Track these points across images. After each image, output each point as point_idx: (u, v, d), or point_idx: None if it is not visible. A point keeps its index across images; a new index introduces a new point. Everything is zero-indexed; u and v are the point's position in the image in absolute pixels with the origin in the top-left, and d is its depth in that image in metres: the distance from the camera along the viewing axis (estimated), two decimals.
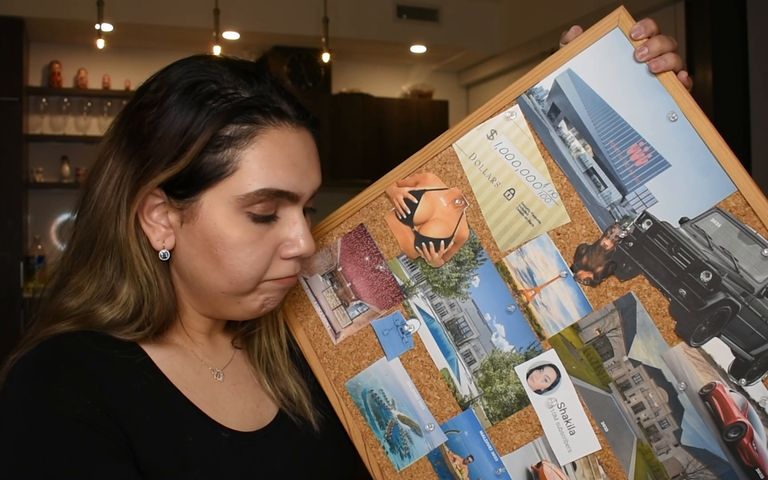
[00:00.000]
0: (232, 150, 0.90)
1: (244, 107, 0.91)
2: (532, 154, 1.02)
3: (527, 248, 1.03)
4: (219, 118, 0.89)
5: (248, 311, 0.99)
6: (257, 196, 0.91)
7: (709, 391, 0.97)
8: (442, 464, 1.09)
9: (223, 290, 0.95)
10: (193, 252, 0.94)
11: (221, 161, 0.90)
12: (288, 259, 0.96)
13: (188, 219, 0.93)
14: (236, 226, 0.92)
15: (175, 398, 0.95)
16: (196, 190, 0.91)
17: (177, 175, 0.90)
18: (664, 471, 1.00)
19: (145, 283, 0.94)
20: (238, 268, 0.93)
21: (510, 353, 1.05)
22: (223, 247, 0.92)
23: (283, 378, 1.07)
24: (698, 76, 4.70)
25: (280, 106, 0.93)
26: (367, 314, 1.10)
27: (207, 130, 0.89)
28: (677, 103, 0.95)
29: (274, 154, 0.92)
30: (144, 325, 0.94)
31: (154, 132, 0.91)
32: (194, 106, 0.90)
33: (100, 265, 0.94)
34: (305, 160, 0.95)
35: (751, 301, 0.95)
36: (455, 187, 1.05)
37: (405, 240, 1.08)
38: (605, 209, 0.99)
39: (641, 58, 0.95)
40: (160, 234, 0.94)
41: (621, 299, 1.00)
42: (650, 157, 0.97)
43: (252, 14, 5.92)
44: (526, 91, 1.01)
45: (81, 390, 0.86)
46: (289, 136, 0.93)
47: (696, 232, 0.96)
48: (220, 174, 0.90)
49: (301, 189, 0.94)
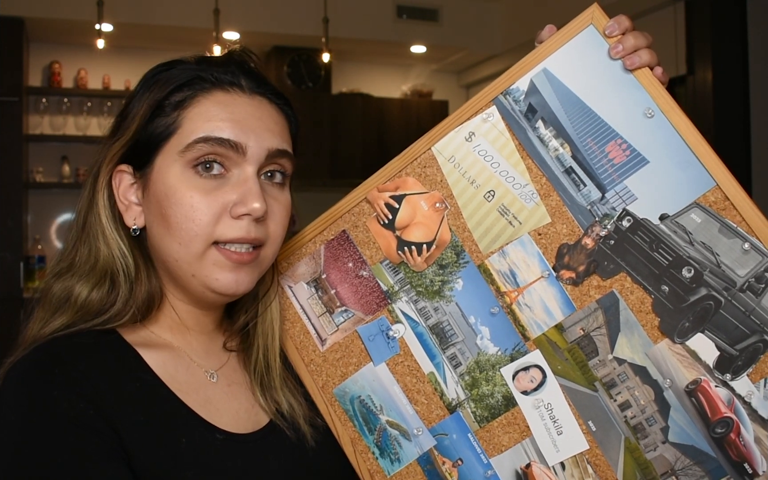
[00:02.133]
0: (176, 112, 0.96)
1: (193, 78, 0.97)
2: (511, 155, 1.01)
3: (509, 249, 1.03)
4: (165, 86, 0.97)
5: (207, 287, 0.97)
6: (196, 143, 0.94)
7: (695, 387, 0.97)
8: (432, 468, 1.09)
9: (175, 257, 0.96)
10: (152, 219, 0.98)
11: (167, 123, 0.96)
12: (238, 219, 0.95)
13: (146, 186, 0.98)
14: (183, 182, 0.95)
15: (169, 400, 0.95)
16: (151, 155, 0.97)
17: (129, 144, 0.97)
18: (652, 468, 0.99)
19: (119, 257, 0.98)
20: (183, 224, 0.94)
21: (495, 355, 1.05)
22: (169, 205, 0.95)
23: (276, 392, 1.07)
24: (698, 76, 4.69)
25: (233, 78, 0.98)
26: (353, 320, 1.10)
27: (152, 95, 0.96)
28: (653, 99, 0.95)
29: (215, 110, 0.96)
30: (127, 306, 0.97)
31: (121, 119, 1.00)
32: (148, 85, 0.99)
33: (79, 247, 0.99)
34: (255, 121, 0.97)
35: (734, 296, 0.94)
36: (435, 190, 1.05)
37: (387, 245, 1.08)
38: (585, 208, 0.99)
39: (615, 55, 0.95)
40: (132, 212, 0.99)
41: (604, 298, 0.99)
42: (628, 154, 0.96)
43: (252, 14, 5.93)
44: (502, 92, 1.01)
45: (74, 393, 0.87)
46: (236, 98, 0.98)
47: (676, 228, 0.95)
48: (168, 135, 0.96)
49: (245, 141, 0.95)
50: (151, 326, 1.01)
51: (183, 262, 0.96)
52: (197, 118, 0.95)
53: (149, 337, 0.99)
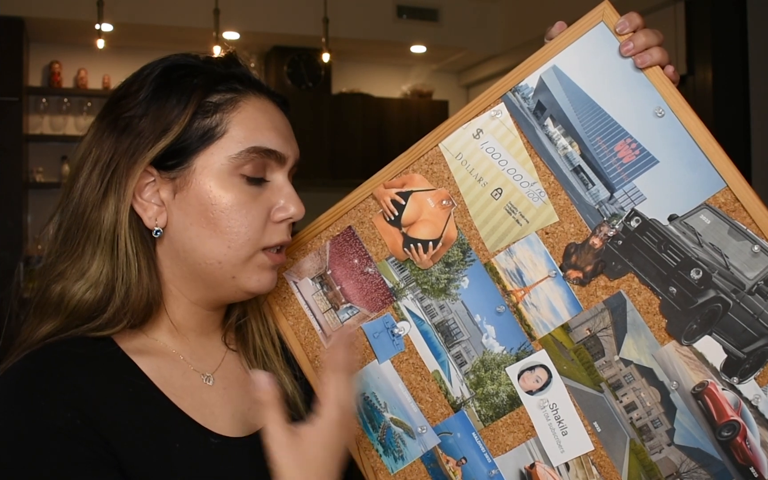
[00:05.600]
0: (219, 115, 0.95)
1: (226, 77, 0.98)
2: (519, 153, 1.01)
3: (516, 248, 1.02)
4: (203, 87, 0.95)
5: (243, 289, 0.99)
6: (249, 153, 0.95)
7: (702, 390, 0.96)
8: (436, 466, 1.08)
9: (220, 259, 0.96)
10: (188, 221, 0.96)
11: (211, 125, 0.95)
12: (279, 223, 0.99)
13: (181, 187, 0.95)
14: (230, 188, 0.95)
15: (162, 404, 0.94)
16: (188, 157, 0.95)
17: (170, 146, 0.94)
18: (657, 470, 0.99)
19: (123, 261, 0.94)
20: (235, 229, 0.95)
21: (501, 354, 1.04)
22: (219, 210, 0.94)
23: (279, 378, 1.07)
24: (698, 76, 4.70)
25: (257, 80, 1.01)
26: (358, 317, 1.10)
27: (194, 98, 0.94)
28: (664, 98, 0.94)
29: (258, 117, 0.97)
30: (120, 314, 0.94)
31: (138, 113, 0.95)
32: (176, 83, 0.96)
33: (81, 248, 0.95)
34: (286, 129, 1.01)
35: (742, 298, 0.93)
36: (442, 187, 1.04)
37: (393, 242, 1.07)
38: (593, 207, 0.98)
39: (626, 53, 0.94)
40: (152, 212, 0.96)
41: (611, 298, 0.99)
42: (638, 153, 0.96)
43: (252, 14, 5.92)
44: (511, 89, 1.00)
45: (62, 402, 0.86)
46: (267, 104, 1.00)
47: (685, 229, 0.95)
48: (211, 137, 0.95)
49: (286, 150, 0.99)
50: (148, 330, 0.99)
51: (227, 265, 0.96)
52: (244, 125, 0.96)
53: (145, 343, 0.98)
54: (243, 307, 1.09)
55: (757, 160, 4.52)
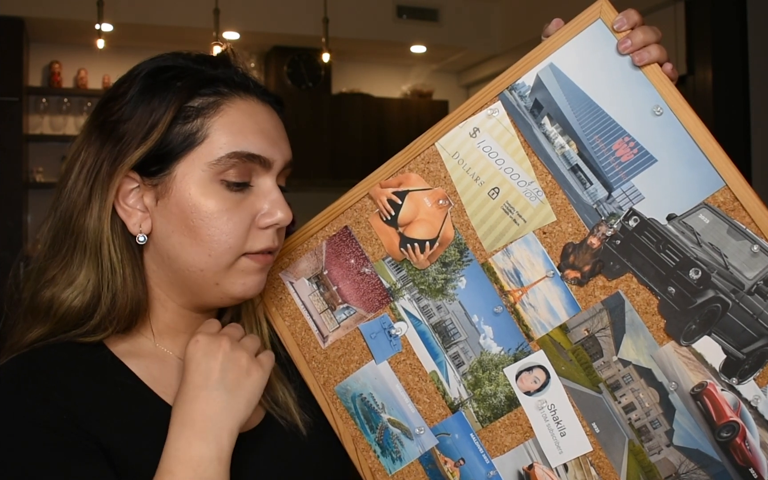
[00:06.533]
0: (200, 120, 0.93)
1: (210, 80, 0.94)
2: (516, 152, 1.00)
3: (513, 248, 1.01)
4: (185, 91, 0.93)
5: (228, 294, 0.97)
6: (229, 159, 0.92)
7: (701, 391, 0.95)
8: (434, 467, 1.07)
9: (201, 267, 0.94)
10: (170, 228, 0.94)
11: (191, 131, 0.92)
12: (265, 229, 0.96)
13: (163, 194, 0.94)
14: (211, 195, 0.93)
15: (155, 403, 0.94)
16: (170, 163, 0.93)
17: (149, 152, 0.92)
18: (656, 471, 0.98)
19: (107, 268, 0.93)
20: (216, 237, 0.93)
21: (498, 355, 1.03)
22: (199, 217, 0.92)
23: (271, 383, 1.06)
24: (698, 76, 4.69)
25: (247, 83, 0.97)
26: (354, 318, 1.09)
27: (174, 103, 0.92)
28: (662, 97, 0.93)
29: (242, 120, 0.94)
30: (106, 321, 0.93)
31: (123, 117, 0.93)
32: (160, 86, 0.93)
33: (70, 254, 0.94)
34: (274, 130, 0.98)
35: (742, 299, 0.93)
36: (439, 187, 1.03)
37: (390, 242, 1.06)
38: (591, 207, 0.97)
39: (624, 50, 0.93)
40: (136, 218, 0.95)
41: (609, 298, 0.98)
42: (636, 152, 0.95)
43: (252, 14, 5.92)
44: (508, 87, 1.00)
45: (47, 399, 0.86)
46: (255, 106, 0.97)
47: (684, 229, 0.94)
48: (191, 143, 0.92)
49: (272, 155, 0.96)
50: (136, 334, 0.98)
51: (209, 272, 0.95)
52: (226, 129, 0.93)
53: (135, 345, 0.98)
54: (237, 309, 1.08)
55: (757, 159, 4.51)
